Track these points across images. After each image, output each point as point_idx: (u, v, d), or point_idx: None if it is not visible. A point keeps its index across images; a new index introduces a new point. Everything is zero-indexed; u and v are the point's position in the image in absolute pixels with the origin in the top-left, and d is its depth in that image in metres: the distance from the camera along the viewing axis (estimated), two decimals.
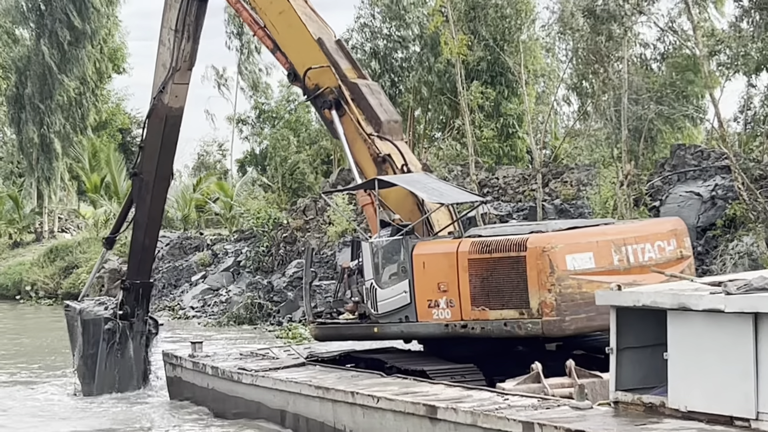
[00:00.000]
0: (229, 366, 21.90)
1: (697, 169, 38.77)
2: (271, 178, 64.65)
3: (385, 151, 20.90)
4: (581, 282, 17.24)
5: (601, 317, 16.86)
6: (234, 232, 57.59)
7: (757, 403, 12.17)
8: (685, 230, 18.75)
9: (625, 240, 17.70)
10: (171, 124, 23.76)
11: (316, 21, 22.07)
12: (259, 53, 72.98)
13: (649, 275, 17.05)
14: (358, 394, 17.11)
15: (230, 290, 49.05)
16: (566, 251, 17.32)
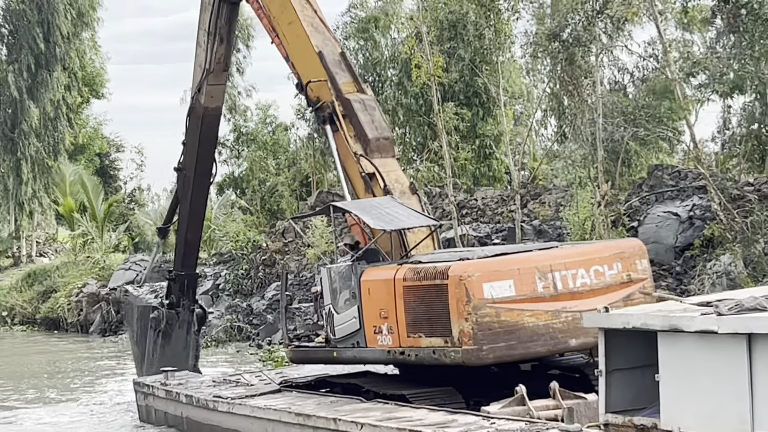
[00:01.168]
0: (203, 394, 21.59)
1: (674, 190, 38.92)
2: (250, 200, 64.57)
3: (369, 170, 20.84)
4: (500, 310, 17.05)
5: (522, 346, 17.10)
6: (213, 255, 57.44)
7: (753, 424, 12.18)
8: (638, 253, 18.22)
9: (552, 266, 17.36)
10: (208, 123, 24.06)
11: (323, 32, 21.97)
12: (242, 74, 72.98)
13: (583, 301, 16.97)
14: (340, 420, 16.87)
15: (210, 313, 48.86)
16: (483, 279, 17.12)
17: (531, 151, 56.89)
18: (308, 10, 22.11)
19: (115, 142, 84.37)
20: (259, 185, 63.26)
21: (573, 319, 17.19)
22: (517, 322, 17.14)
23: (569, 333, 17.26)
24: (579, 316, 16.78)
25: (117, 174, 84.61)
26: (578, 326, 16.98)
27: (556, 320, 17.26)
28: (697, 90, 32.87)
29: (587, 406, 15.97)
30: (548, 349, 17.39)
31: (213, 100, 23.91)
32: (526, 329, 17.16)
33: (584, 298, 17.30)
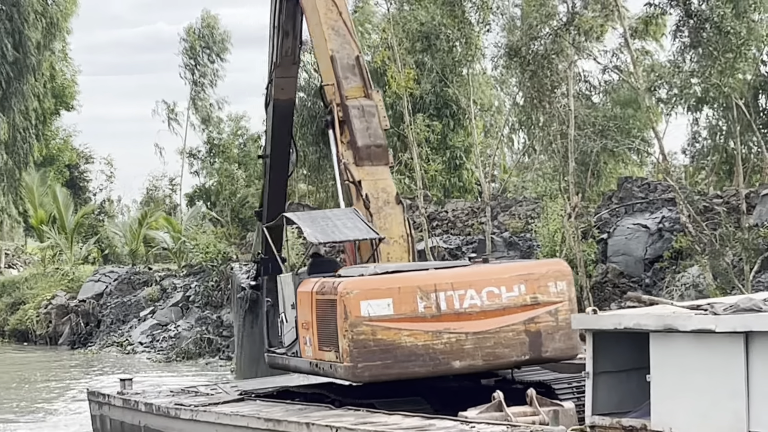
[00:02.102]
0: (164, 402, 21.32)
1: (644, 202, 39.09)
2: (220, 212, 64.49)
3: (356, 178, 20.79)
4: (377, 329, 16.88)
5: (399, 365, 16.88)
6: (183, 266, 57.31)
7: (749, 422, 12.23)
8: (553, 275, 17.51)
9: (437, 286, 17.01)
10: (280, 114, 24.30)
11: (344, 36, 21.88)
12: (214, 87, 73.07)
13: (471, 323, 16.89)
14: (313, 425, 16.44)
15: (179, 325, 48.80)
16: (361, 297, 16.93)
17: (501, 163, 57.04)
18: (332, 13, 22.02)
19: (85, 154, 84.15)
20: (230, 197, 63.19)
21: (457, 341, 16.91)
22: (394, 341, 16.91)
23: (452, 355, 16.93)
24: (464, 337, 16.77)
25: (86, 185, 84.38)
26: (463, 348, 16.88)
27: (437, 341, 16.91)
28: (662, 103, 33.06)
29: (564, 413, 15.99)
30: (427, 370, 17.06)
31: (284, 93, 24.13)
32: (403, 349, 16.92)
33: (473, 319, 16.88)
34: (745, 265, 30.48)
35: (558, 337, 17.08)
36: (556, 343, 17.09)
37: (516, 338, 16.98)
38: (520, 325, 16.97)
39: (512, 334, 16.96)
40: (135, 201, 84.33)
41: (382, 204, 20.28)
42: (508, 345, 16.96)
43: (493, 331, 16.88)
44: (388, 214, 20.10)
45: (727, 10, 29.14)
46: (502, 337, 16.94)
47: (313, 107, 57.16)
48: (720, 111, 41.96)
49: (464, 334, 16.82)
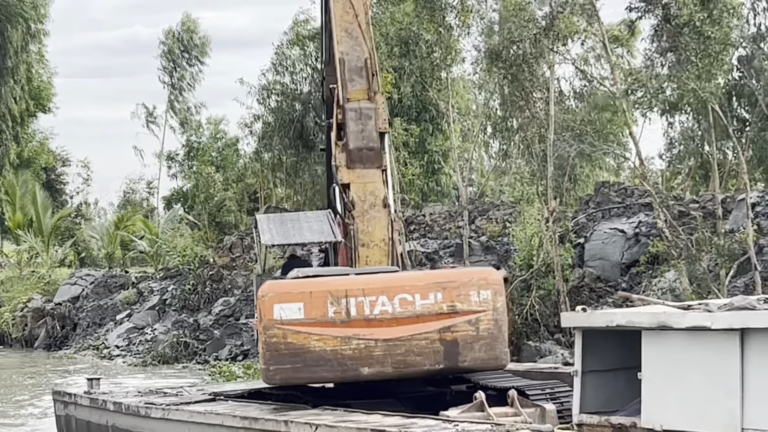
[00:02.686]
0: (133, 401, 21.12)
1: (620, 206, 39.21)
2: (198, 215, 64.36)
3: (345, 181, 20.80)
4: (288, 332, 17.02)
5: (308, 369, 17.00)
6: (160, 270, 57.16)
7: (743, 419, 12.26)
8: (476, 283, 17.21)
9: (348, 292, 17.03)
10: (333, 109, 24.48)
11: (356, 38, 21.84)
12: (192, 90, 73.03)
13: (382, 329, 16.84)
14: (292, 422, 16.18)
15: (156, 329, 48.63)
16: (275, 300, 17.10)
17: (479, 167, 57.10)
18: (348, 15, 22.00)
19: (62, 156, 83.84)
20: (207, 200, 63.08)
21: (366, 347, 16.90)
22: (303, 346, 17.01)
23: (360, 361, 16.94)
24: (373, 344, 16.75)
25: (63, 188, 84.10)
26: (372, 355, 16.87)
27: (346, 347, 16.95)
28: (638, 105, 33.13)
29: (543, 414, 16.02)
30: (336, 375, 17.16)
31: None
32: (312, 353, 17.02)
33: (383, 326, 16.83)
34: (721, 270, 30.60)
35: (478, 346, 16.82)
36: (476, 353, 16.82)
37: (429, 347, 16.80)
38: (434, 333, 16.80)
39: (425, 342, 16.78)
40: (112, 204, 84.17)
41: (368, 207, 20.23)
42: (421, 353, 16.80)
43: (404, 338, 16.77)
44: (372, 218, 20.04)
45: (704, 15, 29.26)
46: (414, 345, 16.79)
47: (290, 110, 57.17)
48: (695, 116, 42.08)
49: (373, 340, 16.80)
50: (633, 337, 13.56)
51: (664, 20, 29.78)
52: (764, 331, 12.11)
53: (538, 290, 35.87)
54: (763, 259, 32.38)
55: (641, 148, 34.80)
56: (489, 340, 16.82)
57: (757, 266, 30.88)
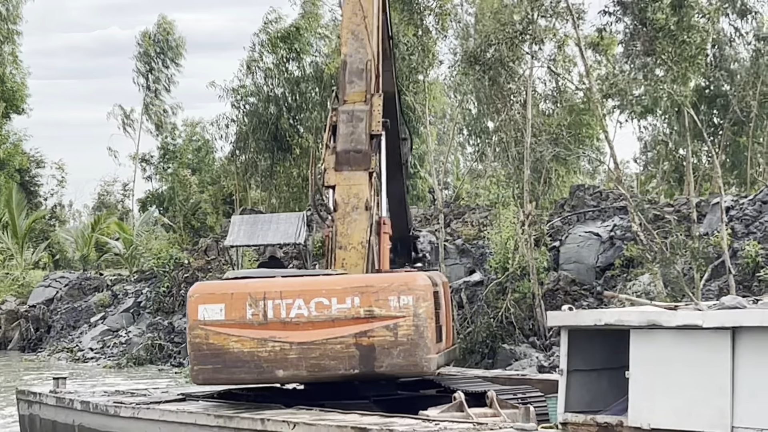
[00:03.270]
0: (101, 400, 20.92)
1: (595, 210, 39.30)
2: (173, 217, 64.21)
3: (330, 183, 20.76)
4: (210, 333, 17.17)
5: (227, 370, 17.10)
6: (134, 272, 57.02)
7: (733, 418, 12.30)
8: (397, 288, 16.96)
9: (267, 294, 17.13)
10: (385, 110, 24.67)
11: (362, 40, 21.80)
12: (168, 92, 72.84)
13: (297, 333, 16.77)
14: (269, 421, 16.18)
15: (130, 331, 48.50)
16: (200, 301, 17.27)
17: (455, 171, 57.16)
18: (357, 17, 21.91)
19: (36, 158, 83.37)
20: (183, 203, 62.95)
21: (281, 350, 16.97)
22: (223, 347, 17.14)
23: (276, 363, 17.00)
24: (288, 347, 16.82)
25: (37, 190, 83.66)
26: (287, 358, 16.94)
27: (262, 349, 17.03)
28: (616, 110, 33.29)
29: (526, 414, 16.06)
30: (253, 377, 17.25)
31: (384, 82, 24.50)
32: (231, 354, 17.16)
33: (299, 329, 16.88)
34: (696, 274, 30.71)
35: (396, 352, 16.68)
36: (394, 359, 16.68)
37: (345, 351, 16.77)
38: (349, 338, 16.77)
39: (340, 346, 16.75)
40: (87, 206, 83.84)
41: (350, 209, 20.12)
42: (336, 357, 16.78)
43: (319, 342, 16.77)
44: (352, 220, 19.92)
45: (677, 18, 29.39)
46: (329, 349, 16.78)
47: (264, 113, 57.12)
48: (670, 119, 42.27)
49: (288, 343, 16.83)
50: (618, 337, 13.62)
51: (639, 24, 29.88)
52: (756, 330, 12.18)
53: (513, 293, 35.92)
54: (737, 262, 32.51)
55: (616, 152, 34.94)
56: (408, 346, 16.64)
57: (731, 269, 31.01)
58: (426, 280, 17.26)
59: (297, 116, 56.98)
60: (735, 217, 35.05)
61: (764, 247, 33.15)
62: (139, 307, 50.59)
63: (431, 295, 17.06)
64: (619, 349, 13.80)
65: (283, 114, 56.67)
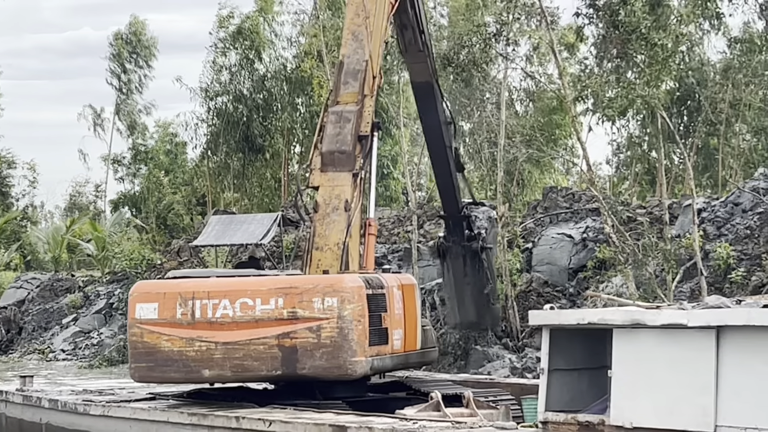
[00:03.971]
0: (70, 398, 20.75)
1: (568, 212, 39.37)
2: (145, 218, 64.00)
3: (314, 184, 20.71)
4: (144, 331, 17.38)
5: (159, 369, 17.24)
6: (107, 273, 56.78)
7: (716, 416, 12.34)
8: (323, 290, 16.89)
9: (195, 294, 17.26)
10: (420, 96, 25.45)
11: (361, 40, 21.73)
12: (140, 93, 72.56)
13: (222, 333, 16.84)
14: (243, 418, 16.14)
15: (102, 333, 48.32)
16: (138, 300, 17.52)
17: (428, 172, 57.12)
18: (359, 18, 21.81)
19: (7, 159, 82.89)
20: (156, 204, 62.77)
21: (207, 350, 17.08)
22: (155, 345, 17.33)
23: (202, 363, 17.11)
24: (213, 347, 16.93)
25: (9, 191, 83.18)
26: (212, 357, 17.04)
27: (190, 348, 17.16)
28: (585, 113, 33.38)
29: (502, 415, 16.07)
30: (182, 376, 17.39)
31: (419, 75, 24.69)
32: (162, 353, 17.32)
33: (224, 330, 16.95)
34: (668, 275, 30.81)
35: (319, 354, 16.60)
36: (316, 361, 16.59)
37: (267, 352, 16.77)
38: (272, 339, 16.76)
39: (263, 347, 16.76)
40: (58, 207, 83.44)
41: (330, 210, 20.03)
42: (258, 358, 16.79)
43: (242, 342, 16.82)
44: (331, 221, 19.81)
45: (650, 22, 29.46)
46: (251, 349, 16.81)
47: (234, 113, 56.97)
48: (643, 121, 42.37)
49: (214, 343, 16.93)
50: (599, 337, 13.67)
51: (612, 26, 29.94)
52: (741, 329, 12.23)
53: None
54: (708, 264, 32.65)
55: (588, 154, 35.03)
56: (331, 349, 16.54)
57: (703, 271, 31.12)
58: (356, 282, 17.08)
59: (267, 116, 56.88)
60: (707, 219, 35.19)
61: (736, 248, 33.31)
62: (111, 308, 50.41)
63: (360, 297, 16.87)
64: (600, 349, 13.87)
65: (253, 114, 56.56)
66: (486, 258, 25.87)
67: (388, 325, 17.49)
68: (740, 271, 32.39)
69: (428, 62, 24.45)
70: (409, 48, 24.34)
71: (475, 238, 25.49)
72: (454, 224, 25.60)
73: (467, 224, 25.76)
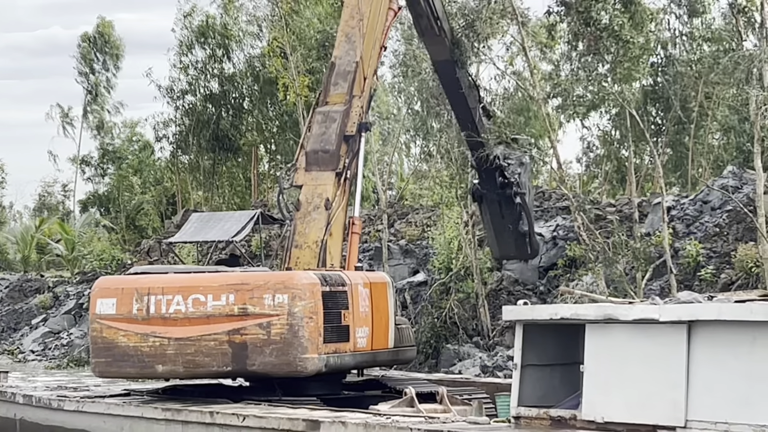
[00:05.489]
0: (45, 394, 20.71)
1: (538, 210, 39.44)
2: (115, 219, 63.76)
3: (298, 183, 20.73)
4: (103, 327, 17.55)
5: (116, 364, 17.40)
6: (76, 273, 56.55)
7: (687, 411, 12.38)
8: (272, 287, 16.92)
9: (150, 290, 17.38)
10: (443, 73, 26.09)
11: (353, 42, 21.76)
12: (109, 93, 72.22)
13: (175, 328, 16.95)
14: (218, 413, 16.15)
15: (72, 333, 48.12)
16: (99, 295, 17.69)
17: (398, 171, 57.17)
18: (353, 20, 21.86)
19: None
20: (125, 204, 62.55)
21: (160, 345, 17.20)
22: (113, 341, 17.48)
23: (156, 358, 17.23)
24: (166, 342, 17.05)
25: None
26: (165, 353, 17.16)
27: (144, 344, 17.31)
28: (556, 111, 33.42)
29: (475, 411, 16.11)
30: (137, 371, 17.54)
31: (437, 55, 25.57)
32: (119, 348, 17.47)
33: (177, 325, 17.07)
34: (638, 273, 30.93)
35: (269, 351, 16.63)
36: (266, 358, 16.63)
37: (218, 348, 16.83)
38: (223, 335, 16.82)
39: (214, 343, 16.83)
40: (27, 207, 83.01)
41: (312, 209, 20.08)
42: (209, 354, 16.86)
43: (194, 338, 16.92)
44: (312, 219, 19.85)
45: (625, 20, 29.55)
46: (203, 345, 16.88)
47: (204, 111, 56.81)
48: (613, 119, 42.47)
49: (167, 339, 17.04)
50: (572, 333, 13.73)
51: (584, 24, 30.00)
52: (712, 324, 12.32)
53: (456, 293, 36.02)
54: (678, 262, 32.78)
55: (559, 152, 35.14)
56: (281, 345, 16.57)
57: (672, 269, 31.26)
58: (309, 279, 17.08)
59: (238, 114, 56.74)
60: (676, 217, 35.34)
61: (705, 246, 33.46)
62: (80, 308, 50.21)
63: (313, 294, 16.87)
64: (573, 345, 13.92)
65: (222, 113, 56.43)
66: (521, 202, 26.39)
67: (350, 322, 17.45)
68: (709, 268, 32.55)
69: (446, 43, 25.23)
70: (426, 32, 25.09)
71: (508, 185, 25.98)
72: (487, 175, 26.16)
73: (500, 173, 26.23)
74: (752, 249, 31.53)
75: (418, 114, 46.87)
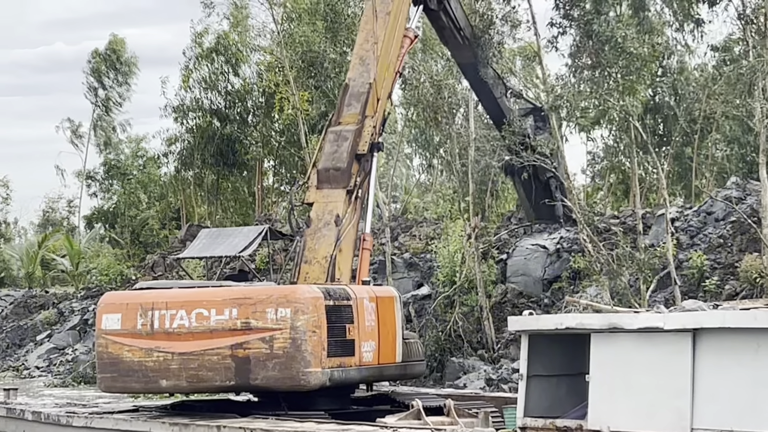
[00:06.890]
0: (54, 410, 20.77)
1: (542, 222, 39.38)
2: (120, 233, 63.79)
3: (310, 200, 20.79)
4: (109, 342, 17.66)
5: (122, 379, 17.50)
6: (81, 289, 56.55)
7: (692, 419, 12.38)
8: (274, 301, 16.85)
9: (155, 305, 17.45)
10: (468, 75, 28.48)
11: (368, 64, 21.87)
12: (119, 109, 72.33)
13: (179, 343, 17.01)
14: (225, 428, 16.23)
15: (77, 349, 48.07)
16: (104, 311, 17.79)
17: (403, 184, 57.19)
18: (368, 44, 22.01)
19: None
20: (131, 219, 62.59)
21: (164, 360, 17.27)
22: (118, 356, 17.57)
23: (160, 373, 17.30)
24: (170, 357, 17.11)
25: None
26: (169, 368, 17.21)
27: (149, 358, 17.38)
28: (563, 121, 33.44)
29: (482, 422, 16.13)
30: (142, 386, 17.64)
31: (461, 58, 27.81)
32: (124, 363, 17.56)
33: (181, 340, 17.15)
34: (642, 285, 30.91)
35: (271, 365, 16.64)
36: (269, 372, 16.64)
37: (221, 363, 16.88)
38: (226, 349, 16.85)
39: (217, 358, 16.87)
40: (32, 223, 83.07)
41: (322, 225, 20.18)
42: (212, 369, 16.91)
43: (197, 353, 16.98)
44: (322, 236, 19.96)
45: (629, 32, 29.59)
46: (206, 360, 16.93)
47: (208, 128, 56.86)
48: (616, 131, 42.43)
49: (171, 353, 17.11)
50: (578, 344, 13.73)
51: (586, 36, 30.04)
52: (717, 331, 12.36)
53: (461, 306, 35.98)
54: (682, 273, 32.75)
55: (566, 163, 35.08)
56: (284, 359, 16.60)
57: (676, 280, 31.22)
58: (312, 293, 17.06)
59: (243, 130, 56.79)
60: (680, 229, 35.30)
61: (709, 257, 33.42)
62: (85, 324, 50.16)
63: (316, 307, 16.86)
64: (578, 355, 13.92)
65: (227, 128, 56.48)
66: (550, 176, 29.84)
67: (356, 336, 17.44)
68: (714, 279, 32.51)
69: (471, 50, 27.11)
70: (449, 41, 26.96)
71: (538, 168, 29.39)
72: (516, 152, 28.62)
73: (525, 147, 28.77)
74: (757, 260, 31.52)
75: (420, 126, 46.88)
